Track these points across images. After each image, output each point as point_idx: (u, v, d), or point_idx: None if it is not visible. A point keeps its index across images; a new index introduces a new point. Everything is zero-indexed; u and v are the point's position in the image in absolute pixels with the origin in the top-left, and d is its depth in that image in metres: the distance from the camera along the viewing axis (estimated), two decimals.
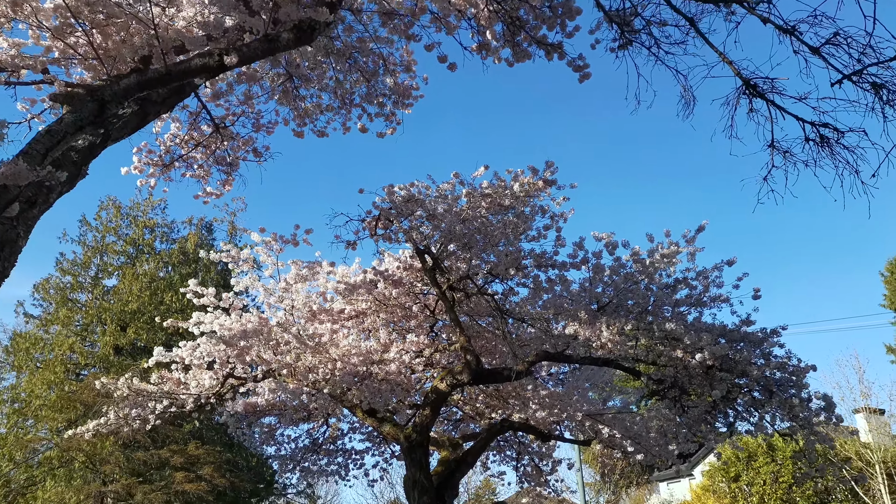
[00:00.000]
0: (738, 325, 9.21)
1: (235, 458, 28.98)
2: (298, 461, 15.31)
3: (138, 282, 28.42)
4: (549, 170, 9.76)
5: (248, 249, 10.80)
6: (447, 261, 10.03)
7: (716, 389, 8.23)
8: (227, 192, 10.82)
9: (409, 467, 10.08)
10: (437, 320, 11.02)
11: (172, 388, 11.76)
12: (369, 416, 10.40)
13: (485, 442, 10.89)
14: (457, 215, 9.67)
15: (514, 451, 14.64)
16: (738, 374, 8.41)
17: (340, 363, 9.48)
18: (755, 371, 8.21)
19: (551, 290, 9.94)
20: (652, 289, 9.33)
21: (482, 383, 10.14)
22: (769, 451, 30.37)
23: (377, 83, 10.05)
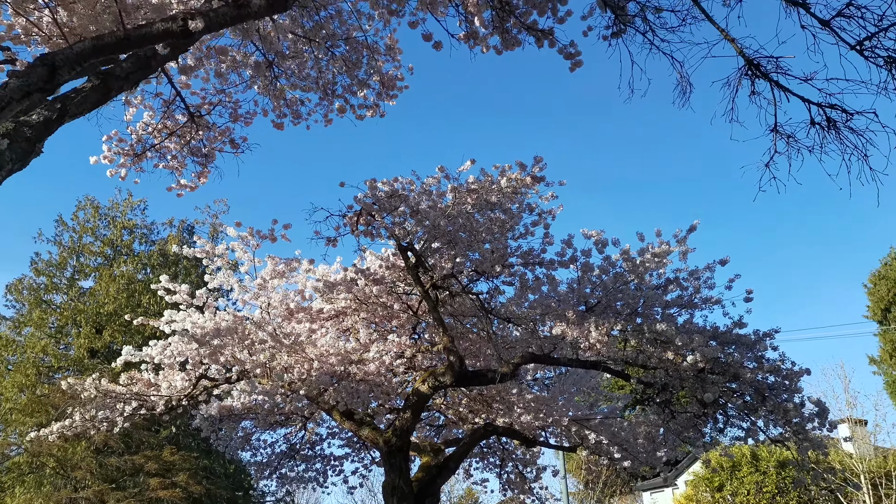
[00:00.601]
0: (730, 327, 8.91)
1: (212, 464, 28.34)
2: (275, 467, 14.84)
3: (115, 283, 27.78)
4: (538, 165, 9.43)
5: (223, 245, 10.37)
6: (431, 258, 9.66)
7: (708, 392, 7.91)
8: (203, 185, 10.41)
9: (388, 473, 9.67)
10: (420, 321, 10.63)
11: (142, 390, 11.27)
12: (347, 420, 9.98)
13: (468, 447, 10.49)
14: (441, 211, 9.31)
15: (497, 457, 14.26)
16: (731, 377, 8.10)
17: (317, 363, 9.06)
18: (748, 374, 7.90)
19: (538, 289, 9.59)
20: (642, 289, 9.01)
21: (466, 385, 9.76)
22: (753, 461, 30.21)
23: (360, 73, 9.70)
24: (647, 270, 9.08)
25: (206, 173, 10.25)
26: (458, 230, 9.03)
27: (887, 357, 41.06)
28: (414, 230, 9.33)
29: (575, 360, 9.53)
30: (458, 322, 10.25)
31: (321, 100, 10.00)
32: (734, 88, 4.90)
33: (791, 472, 29.66)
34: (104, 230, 30.27)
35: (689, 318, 9.05)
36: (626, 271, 9.11)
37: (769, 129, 4.98)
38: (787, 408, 7.87)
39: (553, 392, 11.23)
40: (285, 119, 10.23)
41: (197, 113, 9.77)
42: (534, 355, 9.47)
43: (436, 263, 9.61)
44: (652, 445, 10.56)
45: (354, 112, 9.90)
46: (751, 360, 8.39)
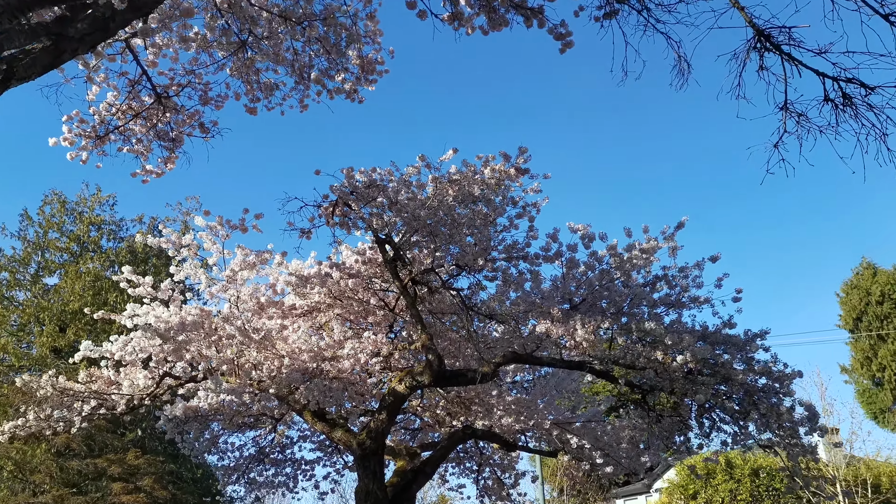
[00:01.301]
0: (719, 327, 8.57)
1: (179, 469, 27.55)
2: (243, 471, 14.26)
3: (81, 280, 26.92)
4: (522, 156, 9.04)
5: (190, 235, 9.83)
6: (410, 252, 9.22)
7: (699, 394, 7.55)
8: (170, 171, 9.88)
9: (361, 477, 9.18)
10: (397, 319, 10.17)
11: (102, 388, 10.67)
12: (319, 421, 9.48)
13: (445, 450, 10.04)
14: (421, 203, 8.88)
15: (474, 462, 13.82)
16: (721, 378, 7.75)
17: (288, 360, 8.56)
18: (739, 375, 7.56)
19: (521, 286, 9.19)
20: (629, 286, 8.64)
21: (444, 386, 9.32)
22: (727, 469, 30.13)
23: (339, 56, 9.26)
24: (634, 267, 8.71)
25: (174, 159, 9.73)
26: (439, 222, 8.61)
27: (858, 366, 41.45)
28: (392, 222, 8.89)
29: (559, 360, 9.14)
30: (437, 320, 9.81)
31: (297, 84, 9.55)
32: (741, 63, 4.55)
33: (764, 481, 29.65)
34: (71, 225, 29.39)
35: (678, 318, 8.71)
36: (612, 268, 8.74)
37: (778, 107, 4.64)
38: (780, 411, 7.54)
39: (534, 394, 10.83)
40: (259, 104, 9.75)
41: (164, 94, 9.24)
42: (516, 354, 9.07)
43: (415, 257, 9.17)
44: (635, 450, 10.20)
45: (331, 95, 9.45)
46: (740, 362, 8.05)
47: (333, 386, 8.38)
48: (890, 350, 39.05)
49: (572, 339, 8.26)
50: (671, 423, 9.98)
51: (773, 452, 9.14)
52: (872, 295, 40.08)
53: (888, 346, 39.27)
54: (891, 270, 40.69)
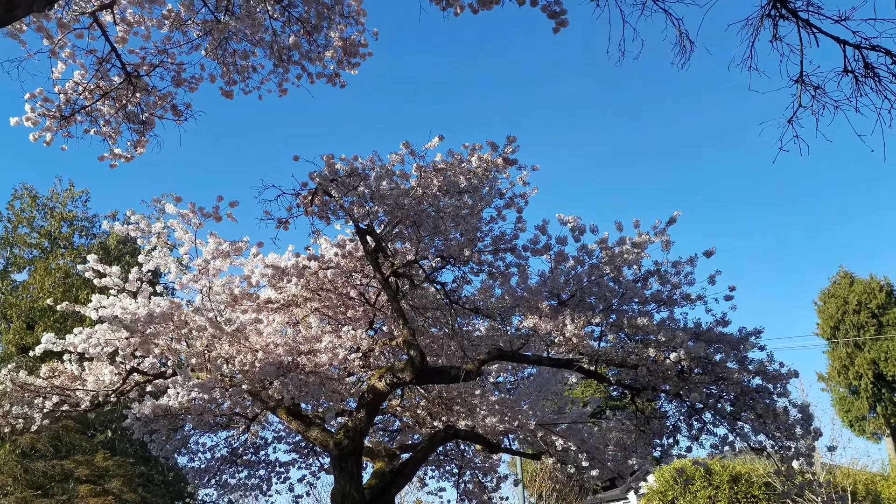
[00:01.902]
0: (712, 324, 8.26)
1: (150, 471, 26.83)
2: (215, 473, 13.75)
3: (51, 277, 26.14)
4: (510, 146, 8.70)
5: (161, 222, 9.34)
6: (392, 243, 8.83)
7: (694, 393, 7.23)
8: (140, 155, 9.42)
9: (338, 479, 8.75)
10: (377, 314, 9.77)
11: (65, 384, 10.14)
12: (294, 419, 9.03)
13: (426, 451, 9.63)
14: (405, 192, 8.50)
15: (455, 465, 13.43)
16: (715, 378, 7.43)
17: (262, 353, 8.12)
18: (735, 374, 7.24)
19: (507, 281, 8.82)
20: (620, 281, 8.31)
21: (427, 383, 8.93)
22: (706, 475, 29.99)
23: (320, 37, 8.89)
24: (625, 263, 8.39)
25: (144, 143, 9.28)
26: (423, 212, 8.23)
27: (835, 374, 41.60)
28: (374, 211, 8.50)
29: (545, 359, 8.79)
30: (420, 315, 9.41)
31: (275, 66, 9.15)
32: (754, 31, 4.24)
33: (743, 487, 29.57)
34: (41, 221, 28.58)
35: (670, 315, 8.38)
36: (602, 263, 8.40)
37: (792, 80, 4.33)
38: (777, 411, 7.24)
39: (517, 396, 10.45)
40: (235, 87, 9.33)
41: (135, 73, 8.78)
42: (501, 352, 8.70)
43: (397, 250, 8.78)
44: (623, 453, 9.86)
45: (312, 79, 9.06)
46: (734, 361, 7.74)
47: (310, 381, 7.94)
48: (866, 359, 39.24)
49: (561, 335, 7.92)
50: (660, 425, 9.66)
51: (765, 456, 8.84)
52: (850, 304, 40.29)
53: (865, 354, 39.46)
54: (867, 280, 40.94)
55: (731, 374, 7.33)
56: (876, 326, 38.70)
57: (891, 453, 39.75)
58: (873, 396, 39.13)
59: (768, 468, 28.93)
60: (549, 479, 28.41)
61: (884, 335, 38.03)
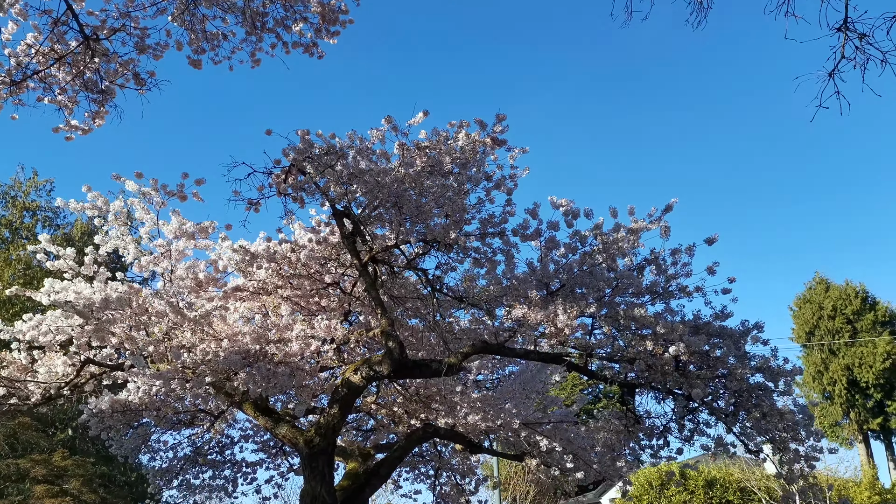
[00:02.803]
0: (711, 317, 7.77)
1: (112, 471, 25.93)
2: (177, 473, 13.01)
3: (11, 268, 25.08)
4: (500, 124, 8.13)
5: (120, 201, 8.63)
6: (371, 226, 8.22)
7: (696, 388, 6.71)
8: (98, 128, 8.72)
9: (308, 479, 8.11)
10: (353, 305, 9.15)
11: (13, 375, 9.36)
12: (262, 414, 8.38)
13: (403, 451, 9.02)
14: (386, 171, 7.90)
15: (431, 466, 12.84)
16: (714, 374, 6.93)
17: (227, 342, 7.45)
18: (738, 370, 6.74)
19: (494, 269, 8.26)
20: (616, 269, 7.78)
21: (406, 377, 8.33)
22: (681, 479, 29.77)
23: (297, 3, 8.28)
24: (620, 251, 7.86)
25: (103, 114, 8.57)
26: (405, 193, 7.64)
27: (810, 380, 41.70)
28: (353, 191, 7.88)
29: (533, 352, 8.24)
30: (399, 305, 8.82)
31: (248, 34, 8.51)
32: None
33: (718, 492, 29.40)
34: (2, 210, 27.46)
35: (666, 306, 7.87)
36: (596, 251, 7.86)
37: (834, 28, 3.84)
38: (782, 411, 6.76)
39: (500, 393, 9.88)
40: (204, 56, 8.66)
41: (94, 37, 8.07)
42: (486, 344, 8.13)
43: (375, 234, 8.18)
44: (611, 454, 9.34)
45: (287, 49, 8.44)
46: (734, 356, 7.24)
47: (279, 371, 7.30)
48: (841, 364, 39.37)
49: (552, 325, 7.37)
50: (650, 426, 9.17)
51: (762, 459, 8.37)
52: (825, 309, 40.43)
53: (839, 360, 39.59)
54: (843, 285, 41.12)
55: (734, 370, 6.84)
56: (850, 332, 38.85)
57: (863, 459, 39.94)
58: (847, 402, 39.27)
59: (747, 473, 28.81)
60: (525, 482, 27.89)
61: (858, 341, 38.17)
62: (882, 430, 38.13)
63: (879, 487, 28.21)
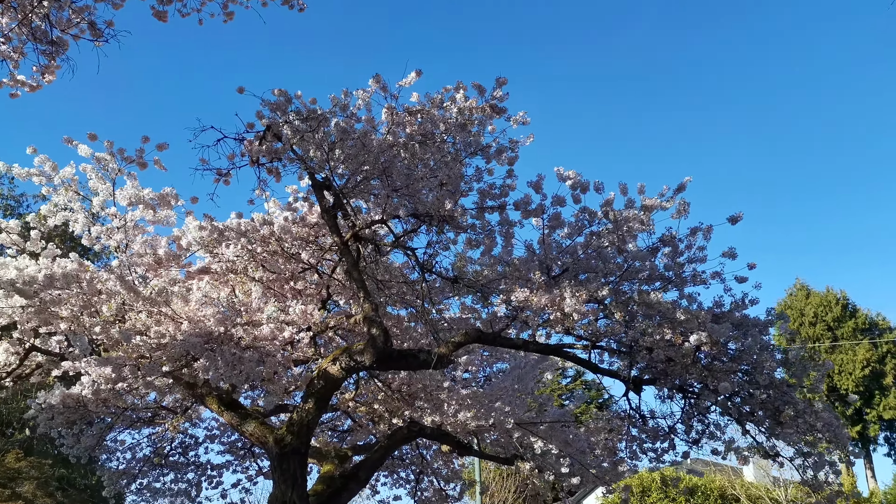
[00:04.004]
0: (731, 306, 6.99)
1: (72, 474, 24.60)
2: (136, 476, 11.98)
3: None
4: (500, 89, 7.30)
5: (71, 168, 7.66)
6: (354, 199, 7.36)
7: (723, 382, 5.93)
8: (48, 84, 7.80)
9: (278, 483, 7.20)
10: (332, 283, 8.26)
11: None
12: (227, 410, 7.46)
13: (385, 452, 8.14)
14: (371, 136, 7.05)
15: (411, 470, 11.95)
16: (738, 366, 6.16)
17: (188, 324, 6.53)
18: (766, 363, 5.97)
19: (489, 252, 7.42)
20: (626, 253, 6.98)
21: (390, 369, 7.47)
22: (662, 486, 29.23)
23: None
24: (631, 231, 7.06)
25: (55, 68, 7.63)
26: (395, 159, 6.79)
27: None
28: (336, 158, 7.01)
29: (532, 343, 7.42)
30: (382, 291, 7.95)
31: None
32: None
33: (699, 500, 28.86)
34: None
35: (680, 294, 7.07)
36: (606, 231, 7.05)
37: None
38: (816, 410, 6.00)
39: (491, 390, 9.04)
40: (170, 6, 7.74)
41: None
42: (481, 333, 7.29)
43: (359, 208, 7.32)
44: (612, 458, 8.54)
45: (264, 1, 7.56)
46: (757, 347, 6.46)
47: (245, 356, 6.38)
48: None
49: (558, 311, 6.54)
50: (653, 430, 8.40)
51: (778, 463, 7.63)
52: (805, 316, 40.13)
53: None
54: (824, 293, 40.92)
55: (762, 362, 6.08)
56: (831, 339, 38.55)
57: (843, 468, 39.47)
58: None
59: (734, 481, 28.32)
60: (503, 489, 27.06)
61: (838, 348, 37.89)
62: (861, 438, 37.85)
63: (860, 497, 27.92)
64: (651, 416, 8.45)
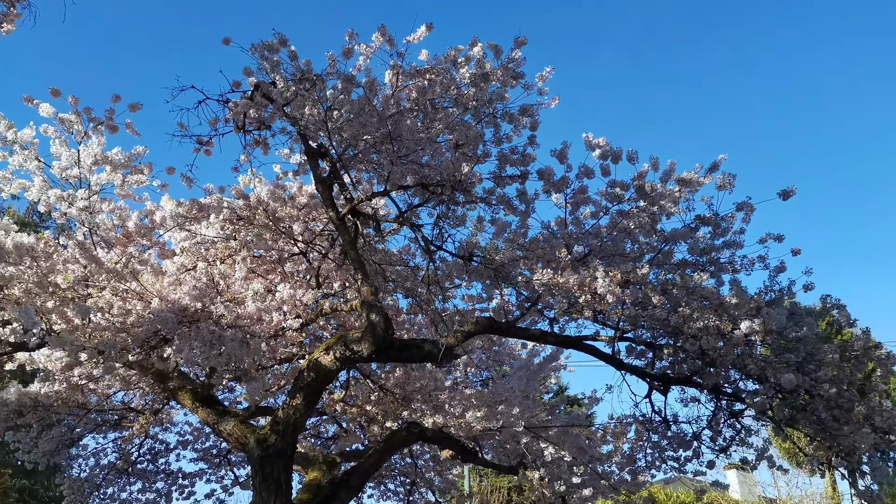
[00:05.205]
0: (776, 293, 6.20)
1: (34, 485, 23.23)
2: (99, 485, 10.96)
3: None
4: (518, 49, 6.49)
5: (31, 129, 6.74)
6: (354, 170, 6.51)
7: (787, 374, 5.13)
8: (7, 35, 6.91)
9: (259, 491, 6.27)
10: (326, 261, 7.38)
11: None
12: (203, 406, 6.54)
13: (380, 456, 7.21)
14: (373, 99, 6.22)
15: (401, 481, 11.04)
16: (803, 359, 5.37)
17: (159, 301, 5.61)
18: (829, 356, 5.20)
19: (503, 230, 6.60)
20: (660, 231, 6.19)
21: (390, 360, 6.59)
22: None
23: None
24: (664, 209, 6.28)
25: (14, 17, 6.76)
26: (401, 120, 5.97)
27: None
28: (334, 119, 6.17)
29: (550, 335, 6.60)
30: (381, 273, 7.09)
31: None
32: None
33: None
34: None
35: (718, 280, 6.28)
36: (636, 210, 6.25)
37: None
38: (887, 409, 5.22)
39: (496, 389, 8.17)
40: None
41: None
42: (492, 323, 6.45)
43: (359, 176, 6.48)
44: (633, 467, 7.71)
45: None
46: (812, 337, 5.69)
47: (227, 335, 5.46)
48: None
49: (589, 293, 5.70)
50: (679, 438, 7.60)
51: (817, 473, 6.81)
52: None
53: None
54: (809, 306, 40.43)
55: (827, 355, 5.30)
56: None
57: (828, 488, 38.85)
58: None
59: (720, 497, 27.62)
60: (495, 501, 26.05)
61: None
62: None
63: None
64: (674, 420, 7.66)
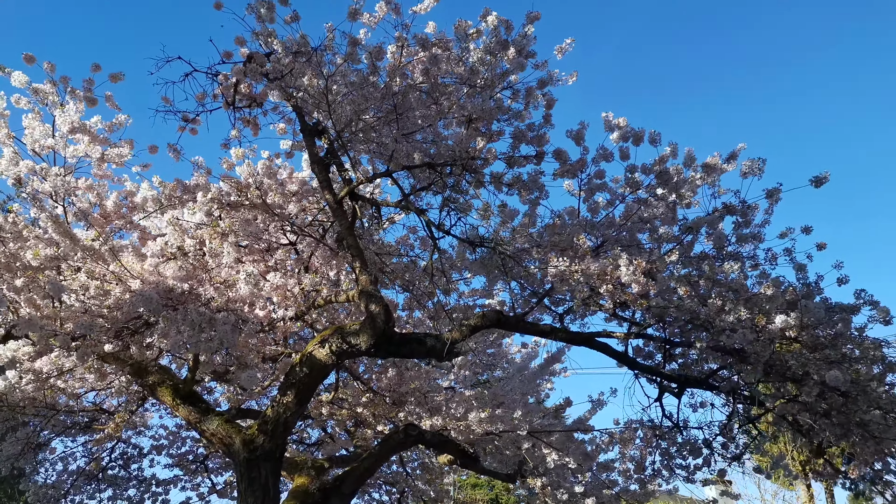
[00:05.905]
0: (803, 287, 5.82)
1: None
2: (66, 492, 10.31)
3: None
4: (530, 24, 6.08)
5: (1, 99, 6.18)
6: (352, 150, 6.04)
7: (833, 371, 4.73)
8: None
9: (244, 496, 5.73)
10: (320, 248, 6.88)
11: None
12: (185, 404, 5.99)
13: (375, 461, 6.70)
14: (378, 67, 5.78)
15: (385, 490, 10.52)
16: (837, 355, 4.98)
17: (140, 283, 5.08)
18: (872, 352, 4.82)
19: (509, 220, 6.16)
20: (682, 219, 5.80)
21: (389, 355, 6.09)
22: None
23: None
24: (683, 198, 5.89)
25: None
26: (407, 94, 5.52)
27: None
28: (333, 93, 5.71)
29: (560, 330, 6.16)
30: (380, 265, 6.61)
31: None
32: None
33: None
34: None
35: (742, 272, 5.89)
36: (655, 198, 5.86)
37: None
38: None
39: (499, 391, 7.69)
40: None
41: None
42: (500, 316, 6.00)
43: (357, 156, 6.01)
44: (642, 475, 7.27)
45: None
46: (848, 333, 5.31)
47: (218, 317, 4.94)
48: None
49: (610, 283, 5.26)
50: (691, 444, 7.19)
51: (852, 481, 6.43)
52: None
53: None
54: None
55: (866, 352, 4.92)
56: None
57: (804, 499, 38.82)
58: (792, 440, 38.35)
59: None
60: None
61: None
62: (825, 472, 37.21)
63: None
64: (684, 426, 7.25)
